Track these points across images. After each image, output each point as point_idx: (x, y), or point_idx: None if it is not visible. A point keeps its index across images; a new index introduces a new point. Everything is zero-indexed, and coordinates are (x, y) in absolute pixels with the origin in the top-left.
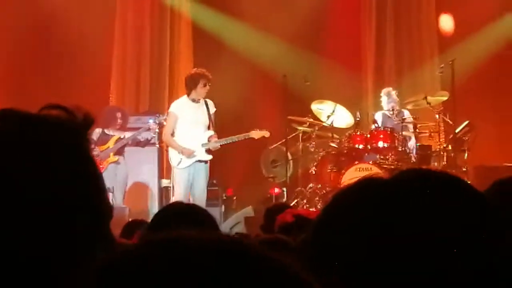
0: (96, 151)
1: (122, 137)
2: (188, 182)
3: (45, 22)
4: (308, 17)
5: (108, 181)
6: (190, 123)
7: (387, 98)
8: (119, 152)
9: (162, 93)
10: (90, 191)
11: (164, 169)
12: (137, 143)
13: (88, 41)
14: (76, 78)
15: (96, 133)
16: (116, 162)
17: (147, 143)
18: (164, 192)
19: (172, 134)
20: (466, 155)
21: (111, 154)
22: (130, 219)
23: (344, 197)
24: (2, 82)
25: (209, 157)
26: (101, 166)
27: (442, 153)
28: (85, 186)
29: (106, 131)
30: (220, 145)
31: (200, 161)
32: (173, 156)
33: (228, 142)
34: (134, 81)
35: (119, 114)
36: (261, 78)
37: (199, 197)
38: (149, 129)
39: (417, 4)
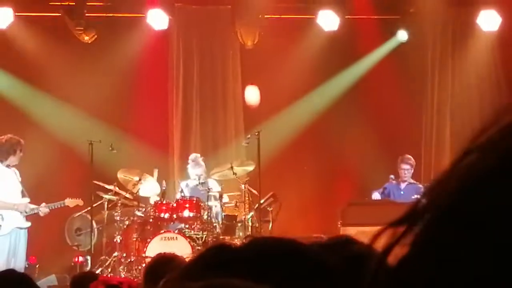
0: None
1: None
2: (10, 250)
3: None
4: (115, 95)
5: None
6: (7, 189)
7: (194, 164)
8: None
9: None
10: None
11: None
12: None
13: None
14: None
15: None
16: None
17: None
18: None
19: None
20: (270, 225)
21: None
22: None
23: (191, 265)
24: None
25: (28, 224)
26: None
27: (247, 223)
28: None
29: None
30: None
31: (20, 228)
32: None
33: (48, 209)
34: None
35: None
36: (67, 147)
37: (20, 266)
38: None
39: (223, 78)
